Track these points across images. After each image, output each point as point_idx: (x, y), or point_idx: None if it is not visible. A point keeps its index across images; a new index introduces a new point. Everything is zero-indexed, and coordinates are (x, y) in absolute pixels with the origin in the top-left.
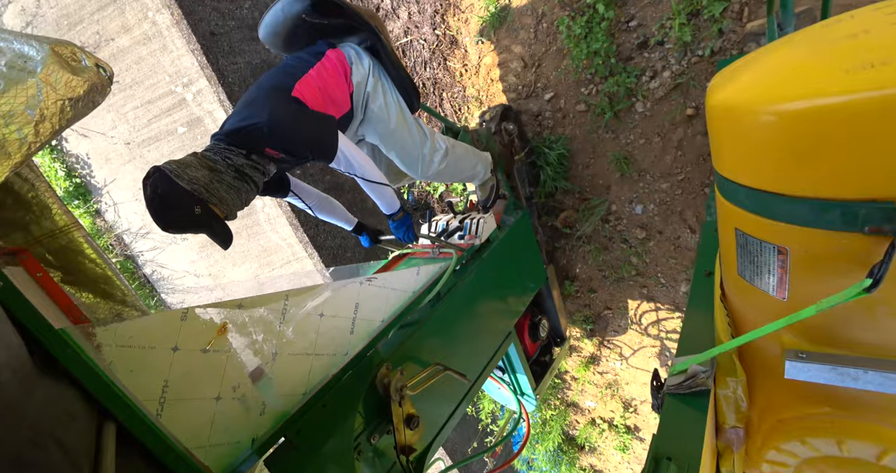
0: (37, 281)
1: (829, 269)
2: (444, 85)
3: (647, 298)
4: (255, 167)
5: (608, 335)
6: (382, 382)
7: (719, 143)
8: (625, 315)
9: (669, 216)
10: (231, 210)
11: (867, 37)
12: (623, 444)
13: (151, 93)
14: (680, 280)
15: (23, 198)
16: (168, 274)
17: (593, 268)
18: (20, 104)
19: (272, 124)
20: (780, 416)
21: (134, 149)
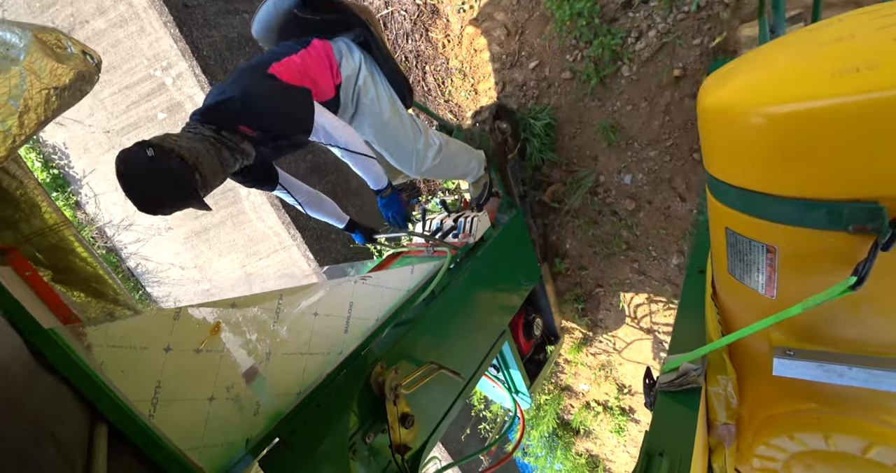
0: (25, 280)
1: (815, 268)
2: (427, 57)
3: (639, 273)
4: (227, 144)
5: (600, 314)
6: (377, 381)
7: (711, 144)
8: (616, 292)
9: (659, 185)
10: (208, 172)
11: (854, 41)
12: (618, 426)
13: (130, 78)
14: (671, 252)
15: (11, 196)
16: (153, 267)
17: (583, 244)
18: (2, 94)
19: (245, 98)
20: (770, 412)
21: (113, 137)
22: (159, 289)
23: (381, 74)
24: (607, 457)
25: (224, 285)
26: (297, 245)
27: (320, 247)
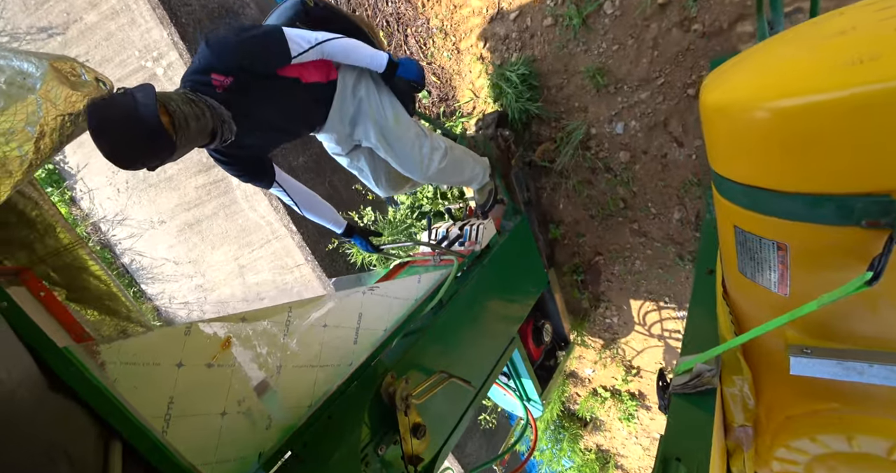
0: (39, 300)
1: (829, 264)
2: (408, 19)
3: (639, 234)
4: (201, 99)
5: (601, 287)
6: (387, 391)
7: (714, 141)
8: (617, 259)
9: (653, 130)
10: (178, 111)
11: (856, 33)
12: (628, 413)
13: (122, 70)
14: (671, 206)
15: (27, 217)
16: (147, 263)
17: (579, 208)
18: (20, 121)
19: (210, 40)
20: (789, 413)
21: None
22: (154, 287)
23: (383, 83)
24: (618, 452)
25: (217, 279)
26: (291, 234)
27: (313, 237)
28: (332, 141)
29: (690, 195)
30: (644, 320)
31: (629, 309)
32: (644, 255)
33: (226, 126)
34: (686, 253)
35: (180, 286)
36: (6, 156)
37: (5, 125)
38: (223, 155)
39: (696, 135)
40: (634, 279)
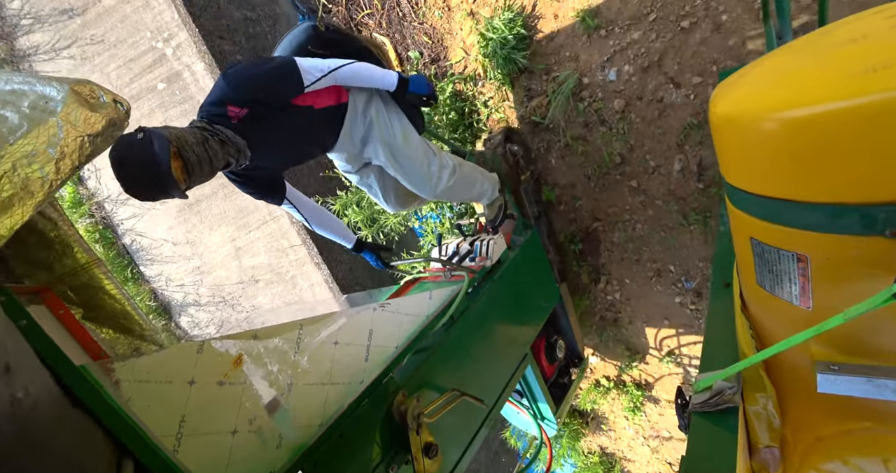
0: (58, 318)
1: (853, 275)
2: None
3: (639, 193)
4: (216, 134)
5: (601, 257)
6: (399, 410)
7: (726, 153)
8: (616, 225)
9: (647, 72)
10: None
11: (867, 41)
12: (633, 404)
13: (134, 51)
14: (671, 156)
15: (46, 237)
16: (147, 244)
17: (574, 169)
18: (42, 143)
19: (227, 74)
20: (818, 433)
21: None
22: (152, 269)
23: (392, 102)
24: (624, 455)
25: (214, 261)
26: (286, 215)
27: None
28: (342, 159)
29: (691, 141)
30: (648, 295)
31: (632, 283)
32: (645, 217)
33: (240, 154)
34: (690, 211)
35: (177, 268)
36: (28, 178)
37: (28, 147)
38: (238, 176)
39: (693, 72)
40: (636, 246)
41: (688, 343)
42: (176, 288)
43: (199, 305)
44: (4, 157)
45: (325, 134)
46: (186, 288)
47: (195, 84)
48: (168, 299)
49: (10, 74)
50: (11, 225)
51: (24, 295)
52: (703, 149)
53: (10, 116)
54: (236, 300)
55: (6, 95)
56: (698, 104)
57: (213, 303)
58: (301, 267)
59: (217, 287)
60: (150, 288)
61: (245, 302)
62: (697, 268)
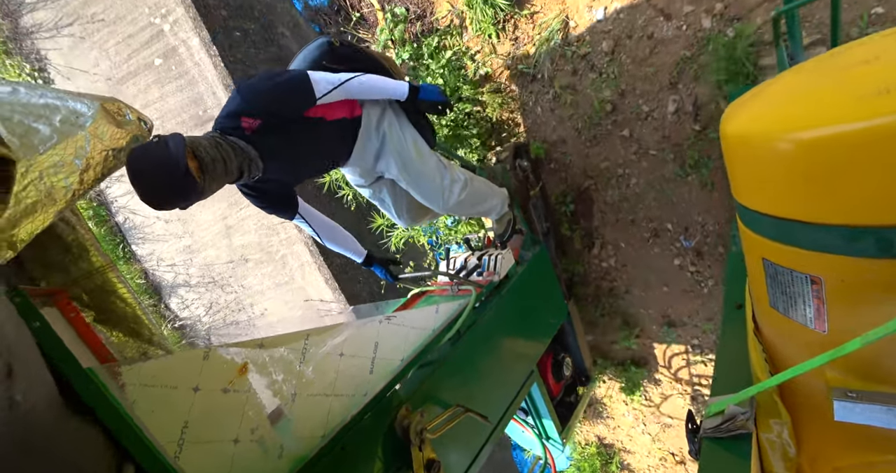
0: (69, 321)
1: (870, 299)
2: None
3: (632, 143)
4: (230, 144)
5: (594, 219)
6: (402, 424)
7: (738, 173)
8: (610, 181)
9: (635, 7)
10: (207, 159)
11: (879, 63)
12: (631, 384)
13: (132, 27)
14: (664, 97)
15: (64, 241)
16: (139, 222)
17: (564, 123)
18: (69, 155)
19: (241, 86)
20: (836, 464)
21: (113, 86)
22: (143, 248)
23: (405, 117)
24: (623, 446)
25: (204, 240)
26: None
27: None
28: (355, 173)
29: (685, 77)
30: (645, 259)
31: (627, 247)
32: (639, 170)
33: (252, 165)
34: (686, 158)
35: (169, 246)
36: (53, 186)
37: (55, 158)
38: (251, 189)
39: (684, 1)
40: (631, 205)
41: (689, 312)
42: (167, 267)
43: (189, 286)
44: (33, 166)
45: (338, 147)
46: (177, 268)
47: (191, 58)
48: (159, 280)
49: (45, 90)
50: (32, 229)
51: (39, 297)
52: (698, 85)
53: (42, 129)
54: (226, 280)
55: (40, 109)
56: (691, 35)
57: (202, 284)
58: (291, 246)
59: (207, 266)
60: (141, 268)
61: (234, 282)
62: (696, 224)
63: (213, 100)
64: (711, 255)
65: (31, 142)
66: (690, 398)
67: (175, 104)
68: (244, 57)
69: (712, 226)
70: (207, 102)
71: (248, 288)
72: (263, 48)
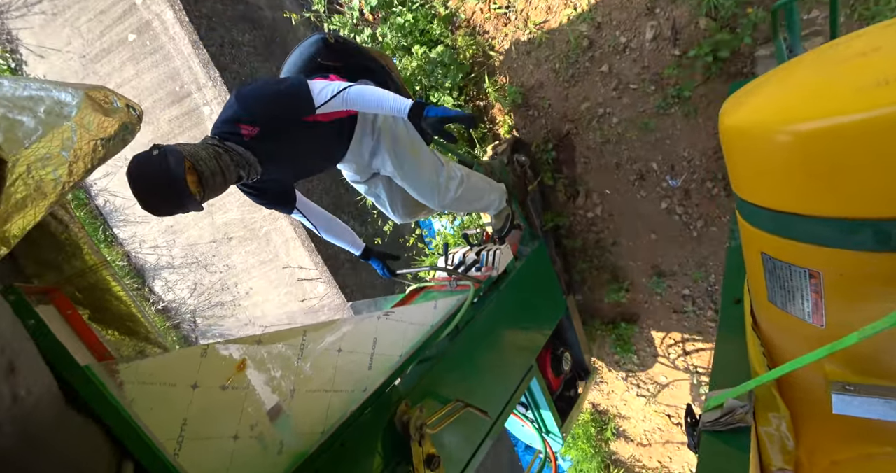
0: (66, 319)
1: (868, 292)
2: None
3: (611, 78)
4: (228, 150)
5: (577, 167)
6: (402, 420)
7: (736, 166)
8: (591, 124)
9: None
10: (206, 171)
11: (878, 54)
12: (622, 340)
13: (104, 2)
14: (642, 24)
15: (57, 239)
16: (120, 204)
17: (541, 64)
18: (56, 147)
19: (239, 93)
20: (834, 457)
21: (87, 64)
22: (125, 230)
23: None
24: (619, 412)
25: (186, 219)
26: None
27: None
28: (351, 170)
29: (662, 0)
30: (632, 205)
31: (613, 194)
32: (620, 107)
33: (251, 169)
34: (668, 88)
35: (151, 228)
36: (42, 180)
37: (42, 151)
38: (250, 188)
39: None
40: (614, 147)
41: (679, 260)
42: (149, 249)
43: (173, 267)
44: (20, 160)
45: (335, 147)
46: (160, 250)
47: (165, 33)
48: (142, 263)
49: (28, 81)
50: (24, 225)
51: (34, 294)
52: (675, 7)
53: (27, 121)
54: (210, 260)
55: (23, 101)
56: None
57: (186, 265)
58: (274, 223)
59: (190, 247)
60: (123, 251)
61: (218, 261)
62: (682, 160)
63: (189, 75)
64: (699, 193)
65: (15, 136)
66: (684, 353)
67: (151, 81)
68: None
69: (699, 159)
70: (184, 78)
71: (233, 267)
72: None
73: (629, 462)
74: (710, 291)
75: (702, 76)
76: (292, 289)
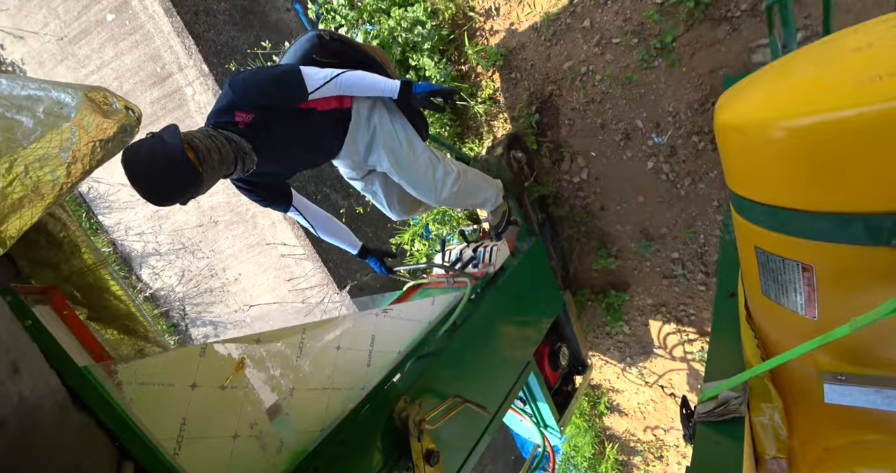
0: (63, 319)
1: (859, 285)
2: None
3: (593, 33)
4: (223, 135)
5: (562, 129)
6: (401, 416)
7: (731, 161)
8: (574, 83)
9: None
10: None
11: (872, 50)
12: (612, 308)
13: None
14: None
15: (55, 238)
16: (104, 190)
17: (523, 24)
18: (55, 147)
19: (233, 82)
20: (826, 445)
21: (66, 46)
22: (110, 217)
23: (396, 109)
24: (612, 386)
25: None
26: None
27: None
28: (347, 167)
29: None
30: (618, 166)
31: (599, 156)
32: (604, 63)
33: (247, 157)
34: (652, 39)
35: (136, 214)
36: (39, 180)
37: (40, 151)
38: (246, 183)
39: None
40: (598, 106)
41: (667, 222)
42: (135, 236)
43: (160, 254)
44: (17, 160)
45: (330, 139)
46: (146, 237)
47: (144, 11)
48: (128, 250)
49: (27, 80)
50: (21, 226)
51: (31, 294)
52: None
53: (25, 121)
54: (197, 246)
55: (22, 100)
56: None
57: (172, 251)
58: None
59: (177, 232)
60: (108, 239)
61: (205, 246)
62: (667, 116)
63: (170, 55)
64: (685, 148)
65: (14, 136)
66: (675, 320)
67: (132, 62)
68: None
69: (684, 113)
70: (165, 58)
71: (220, 252)
72: None
73: (624, 436)
74: (699, 253)
75: (685, 24)
76: (281, 273)
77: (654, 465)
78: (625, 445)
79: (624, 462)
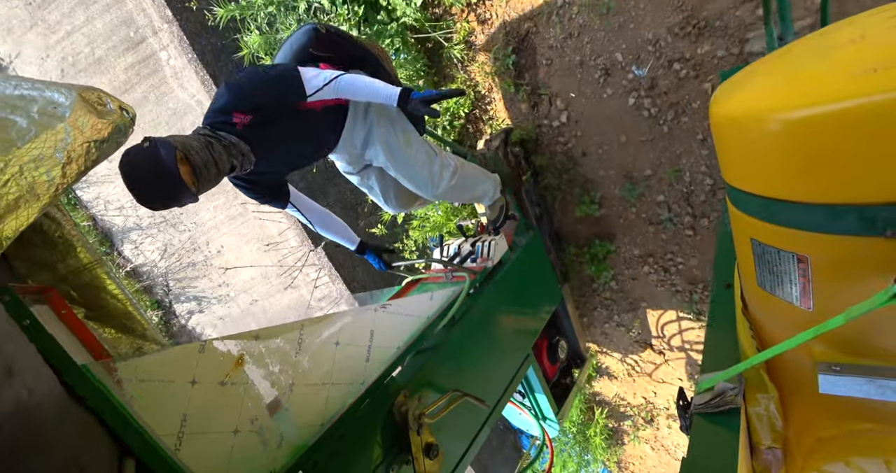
0: (61, 318)
1: (854, 276)
2: None
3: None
4: (220, 140)
5: (539, 70)
6: (400, 410)
7: (727, 153)
8: (550, 18)
9: None
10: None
11: (866, 42)
12: (597, 260)
13: None
14: None
15: (50, 238)
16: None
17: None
18: (49, 148)
19: (231, 82)
20: (820, 434)
21: (34, 11)
22: (88, 192)
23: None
24: (600, 348)
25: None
26: None
27: None
28: (343, 161)
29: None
30: (598, 105)
31: (578, 96)
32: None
33: (245, 159)
34: None
35: (115, 187)
36: (35, 181)
37: (35, 152)
38: (243, 181)
39: None
40: (575, 42)
41: (651, 163)
42: (115, 211)
43: (141, 228)
44: (12, 161)
45: (327, 135)
46: (126, 211)
47: None
48: (108, 225)
49: (20, 80)
50: (17, 226)
51: (28, 294)
52: None
53: (20, 121)
54: (178, 218)
55: (16, 100)
56: None
57: (154, 225)
58: None
59: None
60: (88, 214)
61: (186, 219)
62: (647, 45)
63: (143, 19)
64: (666, 79)
65: (8, 136)
66: (663, 270)
67: (104, 27)
68: None
69: (664, 39)
70: (138, 21)
71: (201, 224)
72: None
73: (613, 401)
74: (685, 194)
75: None
76: (263, 246)
77: (644, 429)
78: (614, 410)
79: (614, 429)
